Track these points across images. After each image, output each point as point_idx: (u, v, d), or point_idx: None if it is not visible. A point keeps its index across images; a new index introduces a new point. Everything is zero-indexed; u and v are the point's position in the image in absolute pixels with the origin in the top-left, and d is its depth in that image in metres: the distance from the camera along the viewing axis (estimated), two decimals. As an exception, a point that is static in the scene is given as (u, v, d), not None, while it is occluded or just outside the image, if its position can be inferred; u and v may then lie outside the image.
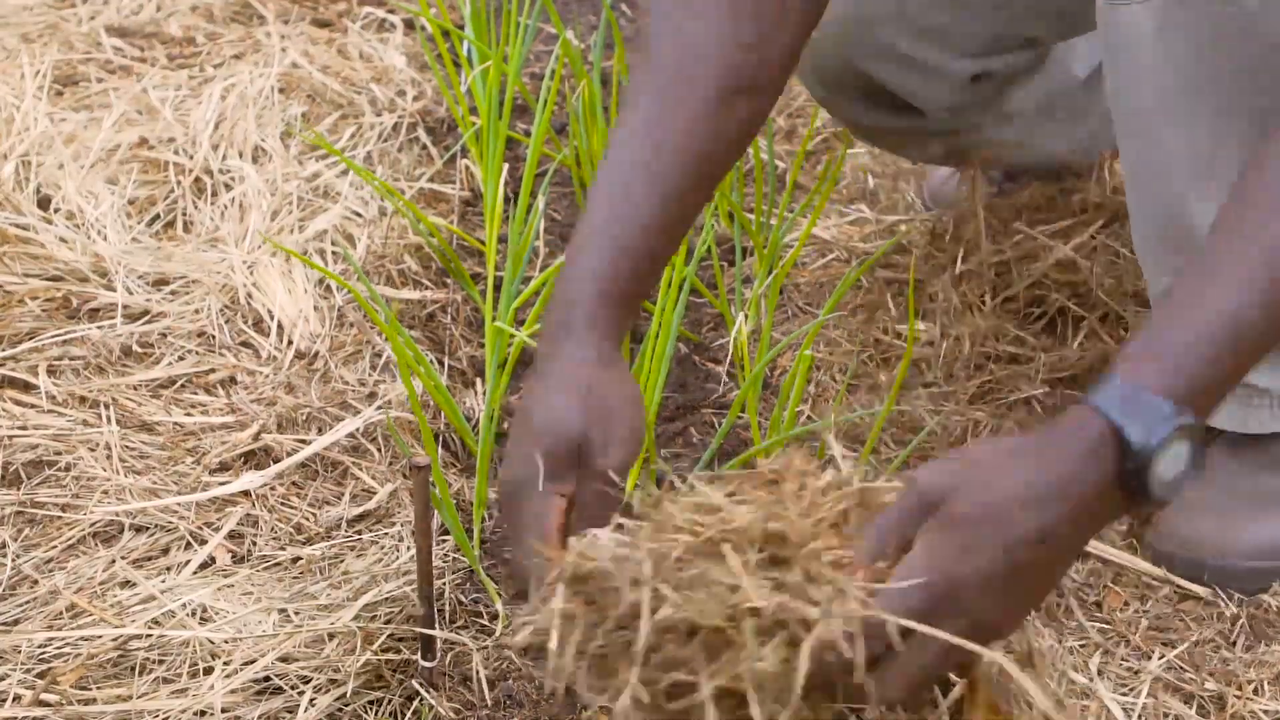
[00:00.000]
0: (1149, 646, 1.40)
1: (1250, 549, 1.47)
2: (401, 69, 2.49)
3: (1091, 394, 1.09)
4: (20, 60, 2.39)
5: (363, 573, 1.44)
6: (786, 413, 1.56)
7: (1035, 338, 1.82)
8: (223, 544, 1.51)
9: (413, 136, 2.32)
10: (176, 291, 1.90)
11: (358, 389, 1.74)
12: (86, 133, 2.23)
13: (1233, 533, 1.47)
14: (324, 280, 1.91)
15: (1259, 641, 1.41)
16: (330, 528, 1.54)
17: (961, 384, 1.75)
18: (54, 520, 1.53)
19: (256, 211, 2.05)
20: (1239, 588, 1.46)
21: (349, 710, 1.27)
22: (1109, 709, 1.31)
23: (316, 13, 2.69)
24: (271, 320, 1.85)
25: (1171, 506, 1.49)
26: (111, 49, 2.50)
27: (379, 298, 1.74)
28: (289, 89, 2.39)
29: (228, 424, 1.68)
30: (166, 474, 1.60)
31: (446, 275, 1.98)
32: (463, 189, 2.19)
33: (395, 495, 1.58)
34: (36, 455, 1.61)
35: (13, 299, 1.86)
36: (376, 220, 2.05)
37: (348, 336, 1.84)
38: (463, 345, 1.86)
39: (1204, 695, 1.35)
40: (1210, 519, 1.48)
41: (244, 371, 1.77)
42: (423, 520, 1.27)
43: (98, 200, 2.06)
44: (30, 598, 1.43)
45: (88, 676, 1.32)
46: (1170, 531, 1.49)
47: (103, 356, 1.77)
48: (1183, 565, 1.48)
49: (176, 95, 2.35)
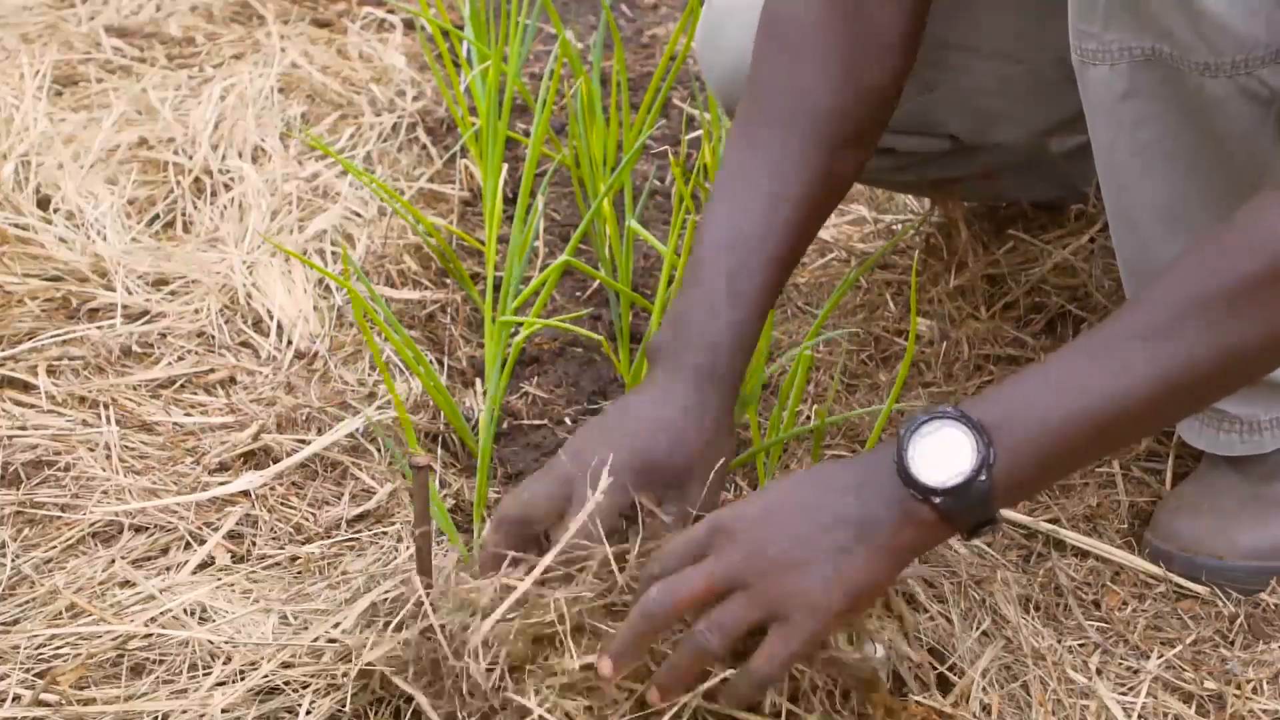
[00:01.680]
0: (1148, 646, 1.40)
1: (1249, 551, 1.47)
2: (401, 69, 2.49)
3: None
4: (20, 60, 2.39)
5: (362, 573, 1.44)
6: (786, 413, 1.56)
7: (1034, 338, 1.82)
8: (222, 544, 1.51)
9: (412, 136, 2.32)
10: (176, 291, 1.90)
11: (357, 389, 1.74)
12: (86, 133, 2.23)
13: (1232, 535, 1.48)
14: (324, 280, 1.91)
15: (1258, 640, 1.41)
16: (330, 528, 1.54)
17: (961, 384, 1.75)
18: (54, 520, 1.53)
19: (256, 211, 2.05)
20: (1237, 589, 1.47)
21: (348, 712, 1.27)
22: (1109, 709, 1.31)
23: (316, 13, 2.69)
24: (271, 320, 1.85)
25: (1171, 506, 1.50)
26: (111, 49, 2.50)
27: (378, 297, 1.74)
28: (289, 89, 2.40)
29: (227, 424, 1.68)
30: (166, 474, 1.60)
31: (446, 275, 1.98)
32: (462, 189, 2.19)
33: (395, 495, 1.58)
34: (36, 455, 1.61)
35: (12, 299, 1.86)
36: (376, 220, 2.05)
37: (348, 336, 1.84)
38: (462, 345, 1.86)
39: (1203, 694, 1.35)
40: (1209, 520, 1.49)
41: (244, 371, 1.77)
42: (422, 520, 1.27)
43: (97, 200, 2.06)
44: (30, 598, 1.43)
45: (87, 676, 1.32)
46: (1169, 532, 1.50)
47: (102, 356, 1.77)
48: (1181, 565, 1.48)
49: (176, 95, 2.35)
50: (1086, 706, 1.32)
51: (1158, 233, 1.40)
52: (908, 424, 1.19)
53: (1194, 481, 1.55)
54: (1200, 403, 1.37)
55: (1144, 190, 1.38)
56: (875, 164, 1.55)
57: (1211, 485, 1.52)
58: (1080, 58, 1.34)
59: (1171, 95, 1.31)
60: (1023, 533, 1.53)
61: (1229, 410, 1.50)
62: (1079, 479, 1.60)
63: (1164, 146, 1.35)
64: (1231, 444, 1.51)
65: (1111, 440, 1.26)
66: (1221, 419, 1.50)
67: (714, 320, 1.34)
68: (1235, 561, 1.47)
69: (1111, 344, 1.20)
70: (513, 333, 1.77)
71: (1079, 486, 1.60)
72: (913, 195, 2.06)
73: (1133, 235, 1.43)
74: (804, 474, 1.27)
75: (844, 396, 1.74)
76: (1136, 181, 1.38)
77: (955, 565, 1.42)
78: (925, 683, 1.29)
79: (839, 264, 2.02)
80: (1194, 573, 1.48)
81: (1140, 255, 1.43)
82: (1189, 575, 1.48)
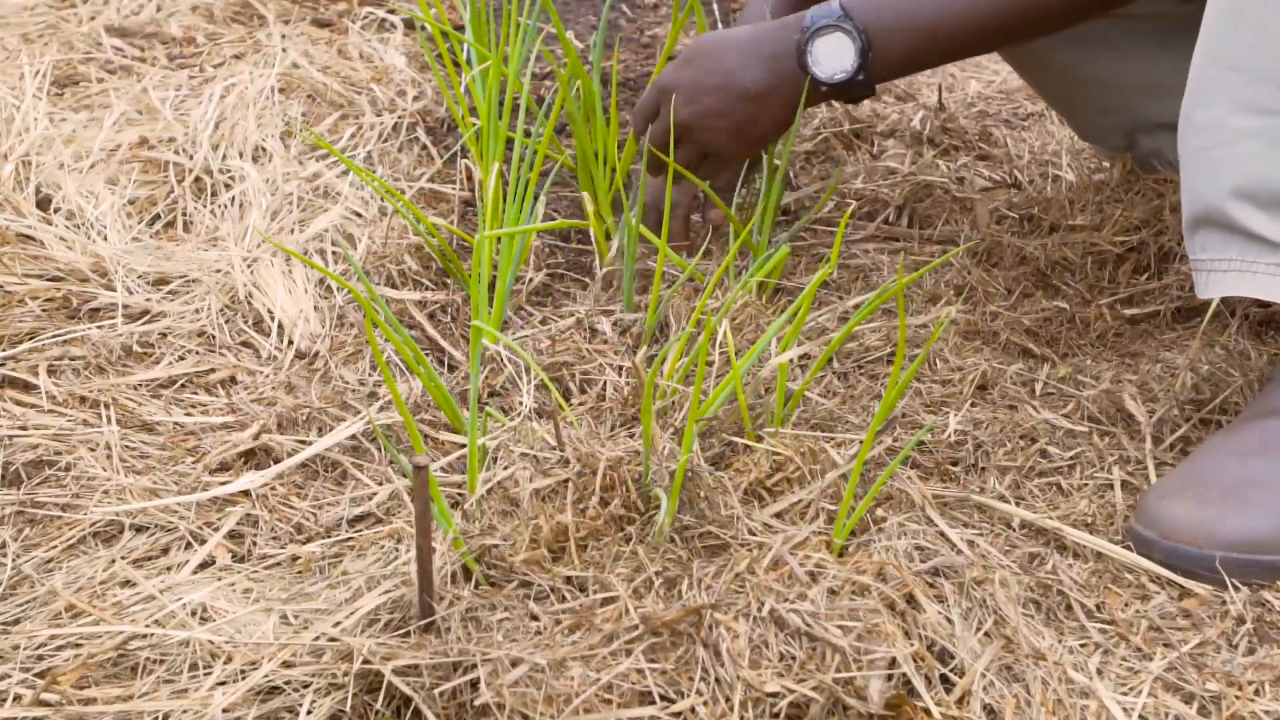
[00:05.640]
0: (1150, 647, 1.40)
1: (1231, 541, 1.45)
2: (401, 69, 2.49)
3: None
4: (20, 60, 2.39)
5: (361, 573, 1.44)
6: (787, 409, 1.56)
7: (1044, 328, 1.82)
8: (222, 544, 1.51)
9: (413, 136, 2.32)
10: (176, 291, 1.90)
11: (358, 389, 1.74)
12: (86, 133, 2.23)
13: (1214, 523, 1.46)
14: (324, 280, 1.91)
15: (1262, 644, 1.41)
16: (330, 527, 1.54)
17: (963, 385, 1.75)
18: (54, 520, 1.53)
19: (256, 211, 2.05)
20: (1215, 580, 1.45)
21: (348, 712, 1.27)
22: (1109, 709, 1.31)
23: (317, 13, 2.69)
24: (272, 320, 1.85)
25: (1154, 492, 1.49)
26: (111, 49, 2.50)
27: (379, 297, 1.74)
28: (289, 89, 2.39)
29: (228, 424, 1.68)
30: (166, 474, 1.60)
31: (446, 275, 1.98)
32: (462, 189, 2.19)
33: (395, 495, 1.58)
34: (36, 455, 1.61)
35: (13, 299, 1.86)
36: (377, 220, 2.05)
37: (348, 336, 1.84)
38: (462, 344, 1.86)
39: (1204, 695, 1.34)
40: (1193, 506, 1.47)
41: (244, 371, 1.77)
42: (423, 520, 1.27)
43: (98, 200, 2.06)
44: (30, 598, 1.43)
45: (88, 676, 1.32)
46: (1152, 518, 1.48)
47: (103, 356, 1.77)
48: (1161, 552, 1.47)
49: (176, 95, 2.35)
50: (1086, 706, 1.31)
51: None
52: (809, 26, 1.78)
53: (1183, 466, 1.53)
54: (1035, 25, 1.78)
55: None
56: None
57: (1196, 465, 1.51)
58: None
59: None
60: (1024, 533, 1.53)
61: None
62: (1079, 479, 1.60)
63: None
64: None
65: (965, 45, 1.79)
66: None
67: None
68: (1216, 552, 1.45)
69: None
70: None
71: (1080, 487, 1.60)
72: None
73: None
74: (729, 39, 1.84)
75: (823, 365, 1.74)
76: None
77: (956, 566, 1.42)
78: (931, 680, 1.29)
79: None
80: (1174, 560, 1.46)
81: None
82: (1169, 563, 1.46)
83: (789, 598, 1.30)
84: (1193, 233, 1.55)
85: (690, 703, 1.23)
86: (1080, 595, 1.45)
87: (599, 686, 1.23)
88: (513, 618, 1.33)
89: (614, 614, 1.30)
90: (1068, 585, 1.46)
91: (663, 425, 1.57)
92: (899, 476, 1.54)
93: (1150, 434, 1.65)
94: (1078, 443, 1.65)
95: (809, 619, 1.27)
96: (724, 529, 1.43)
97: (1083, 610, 1.44)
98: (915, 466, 1.62)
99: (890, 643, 1.27)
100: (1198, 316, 1.85)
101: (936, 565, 1.42)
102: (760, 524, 1.45)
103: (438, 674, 1.25)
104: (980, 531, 1.52)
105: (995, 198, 2.15)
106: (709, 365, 1.70)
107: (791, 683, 1.24)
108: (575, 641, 1.27)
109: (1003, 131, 2.40)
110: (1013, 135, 2.40)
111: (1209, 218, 1.52)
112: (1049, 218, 2.06)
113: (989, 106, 2.51)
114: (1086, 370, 1.76)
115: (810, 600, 1.29)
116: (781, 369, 1.54)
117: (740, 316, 1.77)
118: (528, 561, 1.38)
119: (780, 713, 1.23)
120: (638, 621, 1.28)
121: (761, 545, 1.38)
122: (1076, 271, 1.95)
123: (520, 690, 1.22)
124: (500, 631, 1.31)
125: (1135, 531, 1.49)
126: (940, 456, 1.63)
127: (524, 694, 1.22)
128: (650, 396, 1.39)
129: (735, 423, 1.58)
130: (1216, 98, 1.50)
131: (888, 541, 1.44)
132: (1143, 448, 1.64)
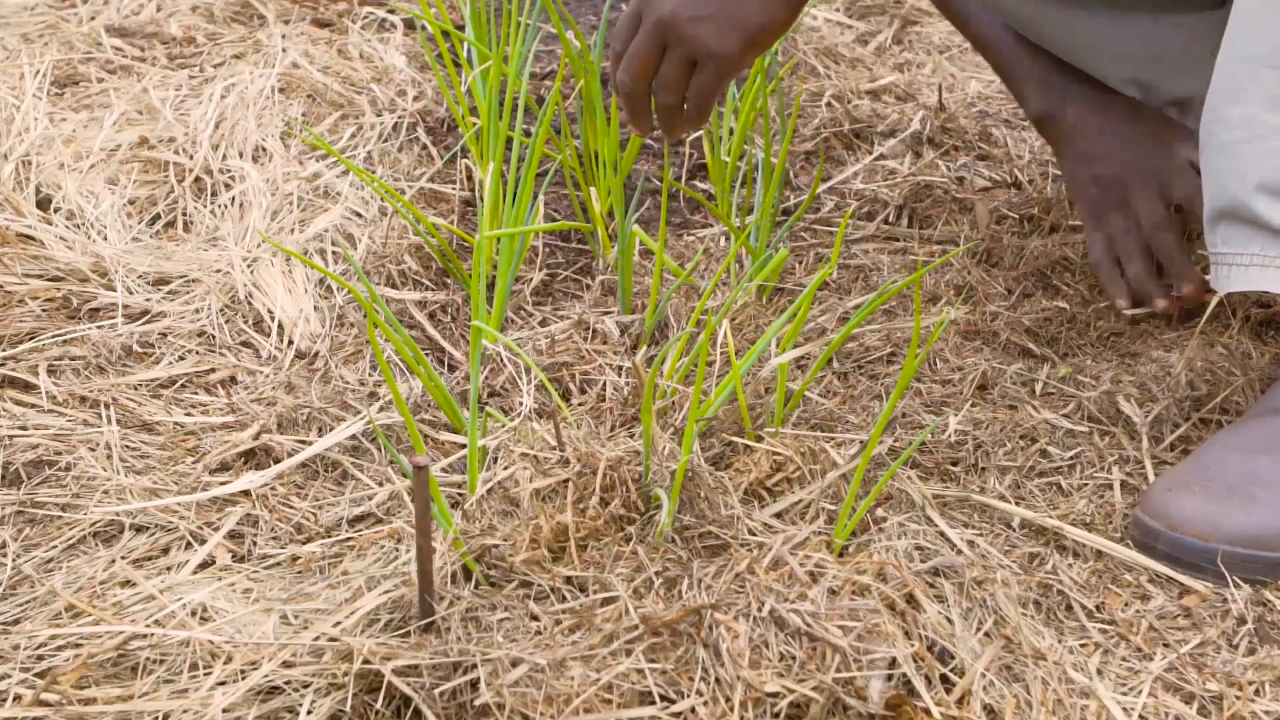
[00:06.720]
0: (1150, 647, 1.40)
1: (1236, 536, 1.45)
2: (402, 69, 2.49)
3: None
4: (20, 60, 2.39)
5: (361, 573, 1.44)
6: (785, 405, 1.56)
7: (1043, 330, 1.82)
8: (223, 543, 1.51)
9: (413, 136, 2.32)
10: (176, 291, 1.90)
11: (358, 389, 1.74)
12: (86, 133, 2.23)
13: (1220, 517, 1.46)
14: (324, 280, 1.91)
15: (1262, 644, 1.41)
16: (330, 527, 1.54)
17: (964, 385, 1.75)
18: (54, 520, 1.53)
19: (257, 211, 2.05)
20: (1218, 575, 1.45)
21: (348, 712, 1.27)
22: (1109, 709, 1.31)
23: (317, 13, 2.69)
24: (272, 320, 1.85)
25: (1160, 484, 1.49)
26: (111, 49, 2.50)
27: (379, 298, 1.74)
28: (289, 89, 2.39)
29: (228, 424, 1.68)
30: (166, 474, 1.60)
31: (446, 275, 1.98)
32: (463, 189, 2.19)
33: (395, 495, 1.58)
34: (37, 455, 1.61)
35: (13, 299, 1.86)
36: (377, 220, 2.05)
37: (348, 336, 1.84)
38: (462, 344, 1.86)
39: (1204, 695, 1.34)
40: (1199, 500, 1.47)
41: (244, 371, 1.76)
42: (423, 520, 1.27)
43: (98, 200, 2.06)
44: (30, 598, 1.43)
45: (88, 676, 1.32)
46: (1158, 509, 1.48)
47: (103, 356, 1.77)
48: (1166, 543, 1.47)
49: (176, 95, 2.35)
50: (1086, 706, 1.31)
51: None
52: None
53: (1189, 461, 1.53)
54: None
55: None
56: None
57: (1202, 461, 1.51)
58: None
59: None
60: (1024, 533, 1.53)
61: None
62: (1079, 479, 1.60)
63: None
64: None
65: None
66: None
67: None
68: (1221, 546, 1.45)
69: None
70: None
71: (1080, 487, 1.60)
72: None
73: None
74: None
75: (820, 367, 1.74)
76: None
77: (956, 566, 1.42)
78: (931, 680, 1.29)
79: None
80: (1178, 553, 1.46)
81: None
82: (1173, 556, 1.46)
83: (789, 598, 1.30)
84: (1214, 226, 1.55)
85: (690, 703, 1.23)
86: (1080, 595, 1.45)
87: (599, 686, 1.23)
88: (513, 618, 1.33)
89: (614, 614, 1.30)
90: (1068, 585, 1.46)
91: (663, 425, 1.57)
92: (899, 476, 1.54)
93: (1147, 434, 1.65)
94: (1078, 443, 1.65)
95: (809, 619, 1.27)
96: (724, 529, 1.43)
97: (1083, 610, 1.44)
98: (915, 466, 1.62)
99: (890, 643, 1.27)
100: (1197, 317, 1.85)
101: (937, 565, 1.42)
102: (760, 524, 1.45)
103: (438, 674, 1.25)
104: (980, 531, 1.52)
105: (995, 198, 2.15)
106: (709, 365, 1.70)
107: (791, 683, 1.24)
108: (575, 641, 1.28)
109: (1003, 131, 2.40)
110: (1013, 135, 2.40)
111: (1232, 212, 1.52)
112: (1049, 218, 2.06)
113: (989, 106, 2.51)
114: (1086, 370, 1.76)
115: (810, 600, 1.29)
116: (781, 369, 1.54)
117: (740, 317, 1.77)
118: (528, 561, 1.38)
119: (780, 713, 1.23)
120: (638, 621, 1.28)
121: (762, 545, 1.38)
122: (1076, 271, 1.95)
123: (520, 690, 1.22)
124: (500, 632, 1.31)
125: (1140, 521, 1.49)
126: (940, 456, 1.63)
127: (524, 694, 1.22)
128: (650, 396, 1.39)
129: (735, 423, 1.58)
130: (1250, 93, 1.50)
131: (888, 541, 1.45)
132: (1142, 448, 1.64)
